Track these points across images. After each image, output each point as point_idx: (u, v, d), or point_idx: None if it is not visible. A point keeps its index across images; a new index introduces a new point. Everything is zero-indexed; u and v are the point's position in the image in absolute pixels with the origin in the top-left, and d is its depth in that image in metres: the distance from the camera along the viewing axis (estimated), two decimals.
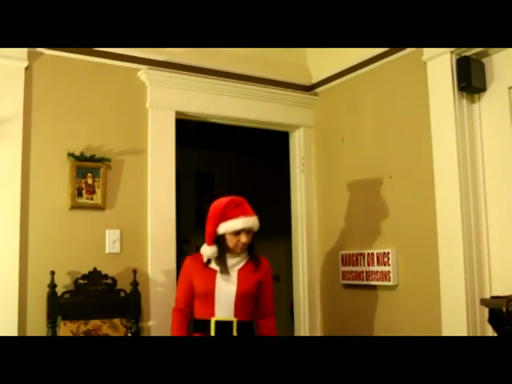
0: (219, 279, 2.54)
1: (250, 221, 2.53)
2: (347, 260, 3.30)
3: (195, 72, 3.27)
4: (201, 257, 2.59)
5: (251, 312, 2.58)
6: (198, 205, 5.92)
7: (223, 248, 2.54)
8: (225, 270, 2.53)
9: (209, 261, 2.57)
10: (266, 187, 5.51)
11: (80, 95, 2.97)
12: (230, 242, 2.52)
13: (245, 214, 2.53)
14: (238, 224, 2.50)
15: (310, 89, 3.67)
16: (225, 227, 2.52)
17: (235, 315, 2.49)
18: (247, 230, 2.53)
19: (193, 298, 2.57)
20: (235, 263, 2.57)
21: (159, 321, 2.99)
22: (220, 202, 2.57)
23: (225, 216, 2.52)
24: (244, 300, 2.53)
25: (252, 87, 3.44)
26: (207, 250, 2.56)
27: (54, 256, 2.81)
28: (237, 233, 2.51)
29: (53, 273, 2.72)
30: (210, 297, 2.51)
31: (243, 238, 2.52)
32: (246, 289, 2.54)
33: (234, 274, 2.55)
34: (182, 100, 3.22)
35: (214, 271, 2.55)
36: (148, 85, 3.13)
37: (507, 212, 2.63)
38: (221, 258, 2.54)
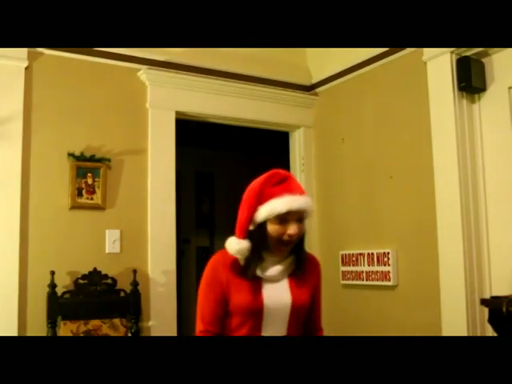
0: (267, 289, 1.84)
1: (299, 201, 1.78)
2: (347, 260, 3.30)
3: (195, 72, 3.27)
4: (234, 257, 1.85)
5: (301, 329, 1.97)
6: (198, 205, 5.93)
7: (260, 243, 1.81)
8: (252, 274, 1.83)
9: (248, 264, 1.83)
10: None
11: (80, 95, 2.97)
12: (274, 233, 1.79)
13: (291, 191, 1.79)
14: (281, 205, 1.75)
15: (310, 89, 3.67)
16: (265, 211, 1.77)
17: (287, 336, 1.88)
18: (297, 217, 1.79)
19: (226, 316, 1.85)
20: (285, 267, 1.88)
21: (159, 321, 2.99)
22: (257, 180, 1.85)
23: (264, 196, 1.79)
24: (299, 315, 1.90)
25: (252, 87, 3.44)
26: (234, 244, 1.82)
27: (54, 256, 2.81)
28: (282, 220, 1.78)
29: (53, 273, 2.72)
30: (256, 315, 1.82)
31: (292, 229, 1.78)
32: (304, 300, 1.89)
33: (284, 282, 1.88)
34: (182, 100, 3.22)
35: (259, 279, 1.84)
36: (148, 85, 3.13)
37: (507, 212, 2.63)
38: (254, 259, 1.82)
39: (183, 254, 5.56)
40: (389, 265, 3.02)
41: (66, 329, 2.74)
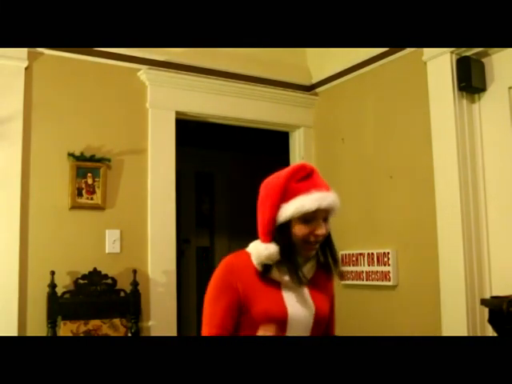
0: (288, 297, 1.65)
1: (328, 198, 1.61)
2: (347, 260, 3.30)
3: (195, 72, 3.27)
4: (250, 260, 1.66)
5: None
6: (198, 205, 5.93)
7: (290, 246, 1.63)
8: (299, 280, 1.63)
9: (268, 267, 1.64)
10: None
11: (80, 95, 2.97)
12: (299, 234, 1.61)
13: (318, 187, 1.61)
14: (310, 202, 1.58)
15: (310, 89, 3.67)
16: (290, 209, 1.59)
17: None
18: (324, 216, 1.63)
19: (237, 327, 1.64)
20: (306, 271, 1.68)
21: (159, 321, 2.99)
22: (279, 175, 1.65)
23: (289, 192, 1.60)
24: (321, 326, 1.72)
25: (252, 87, 3.44)
26: (262, 251, 1.62)
27: (54, 256, 2.81)
28: (307, 219, 1.60)
29: (53, 273, 2.72)
30: (278, 326, 1.62)
31: (320, 229, 1.62)
32: (326, 309, 1.72)
33: (304, 288, 1.69)
34: (182, 100, 3.23)
35: (277, 284, 1.65)
36: (148, 85, 3.13)
37: (507, 212, 2.63)
38: (291, 262, 1.63)
39: (183, 253, 5.57)
40: (389, 265, 3.03)
41: (66, 329, 2.75)
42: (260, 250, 1.63)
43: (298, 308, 1.65)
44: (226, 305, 1.61)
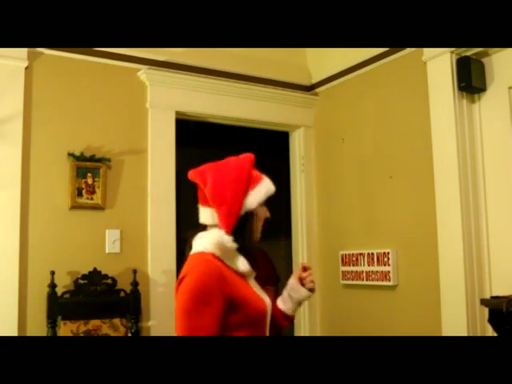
0: (255, 288, 1.68)
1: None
2: (347, 260, 3.30)
3: (195, 72, 3.27)
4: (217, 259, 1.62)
5: None
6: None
7: (252, 232, 1.66)
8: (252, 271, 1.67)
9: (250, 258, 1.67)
10: None
11: (80, 95, 2.97)
12: (263, 215, 1.69)
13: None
14: (271, 184, 1.69)
15: (310, 89, 3.67)
16: (262, 193, 1.66)
17: None
18: None
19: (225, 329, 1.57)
20: None
21: (159, 321, 2.99)
22: (240, 163, 1.70)
23: (253, 178, 1.67)
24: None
25: (252, 87, 3.44)
26: (228, 243, 1.61)
27: (54, 256, 2.81)
28: (263, 203, 1.68)
29: (53, 273, 2.72)
30: (261, 322, 1.63)
31: (268, 210, 1.71)
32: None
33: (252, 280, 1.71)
34: (182, 100, 3.22)
35: (244, 278, 1.66)
36: (148, 85, 3.13)
37: (507, 212, 2.63)
38: (248, 252, 1.65)
39: (183, 253, 5.56)
40: (389, 265, 3.02)
41: (66, 329, 2.74)
42: (227, 242, 1.60)
43: (267, 300, 1.67)
44: (219, 312, 1.53)
